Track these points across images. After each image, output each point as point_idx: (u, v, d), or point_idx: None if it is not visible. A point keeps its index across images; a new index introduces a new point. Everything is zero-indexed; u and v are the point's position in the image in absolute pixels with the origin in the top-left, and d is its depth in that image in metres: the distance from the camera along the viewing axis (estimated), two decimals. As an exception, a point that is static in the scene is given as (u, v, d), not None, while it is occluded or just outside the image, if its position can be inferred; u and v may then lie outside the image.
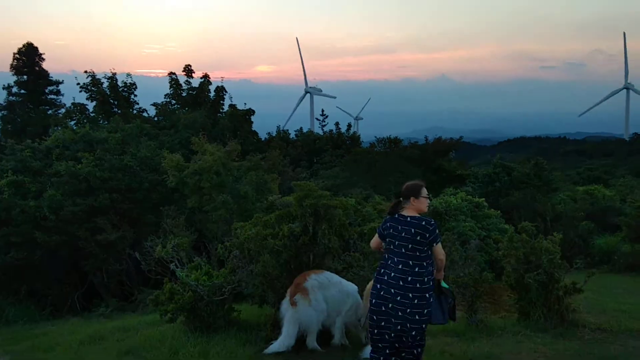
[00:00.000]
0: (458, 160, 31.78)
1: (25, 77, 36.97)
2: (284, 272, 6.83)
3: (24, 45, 37.17)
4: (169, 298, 7.34)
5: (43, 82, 37.44)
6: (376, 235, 5.14)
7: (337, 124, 45.00)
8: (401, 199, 5.01)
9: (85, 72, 29.49)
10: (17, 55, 37.02)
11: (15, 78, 36.79)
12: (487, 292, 8.21)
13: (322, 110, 51.06)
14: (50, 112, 36.28)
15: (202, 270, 7.64)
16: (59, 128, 23.77)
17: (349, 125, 45.78)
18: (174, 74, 30.53)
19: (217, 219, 13.74)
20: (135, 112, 29.78)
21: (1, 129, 35.58)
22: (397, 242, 4.78)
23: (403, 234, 4.76)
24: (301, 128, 46.51)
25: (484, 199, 14.67)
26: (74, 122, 28.26)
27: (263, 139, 38.10)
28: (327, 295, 6.23)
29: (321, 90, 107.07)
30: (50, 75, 38.02)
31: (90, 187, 15.57)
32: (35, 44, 37.60)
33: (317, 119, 51.70)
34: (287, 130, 45.50)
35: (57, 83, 37.96)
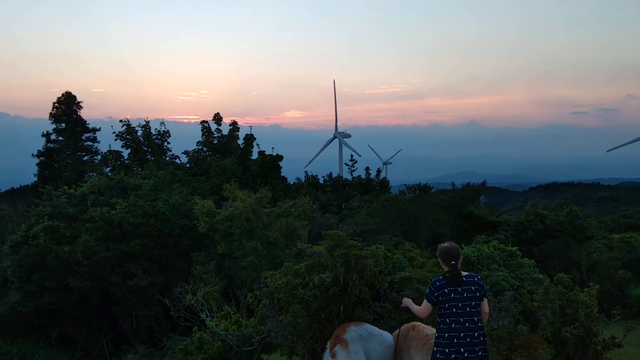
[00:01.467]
0: (489, 206, 31.35)
1: (63, 124, 38.32)
2: (314, 322, 6.76)
3: (63, 95, 38.64)
4: (198, 347, 7.31)
5: (80, 129, 38.71)
6: (426, 303, 5.20)
7: (367, 169, 45.14)
8: (453, 262, 5.11)
9: (121, 121, 30.46)
10: (56, 104, 38.49)
11: (54, 126, 38.15)
12: (523, 346, 7.95)
13: (351, 156, 51.17)
14: (86, 158, 37.33)
15: (231, 320, 7.61)
16: (94, 174, 24.40)
17: (379, 171, 45.89)
18: (206, 122, 31.34)
19: (246, 266, 13.76)
20: (168, 159, 30.47)
21: (39, 175, 36.66)
22: (460, 304, 5.02)
23: (465, 294, 5.02)
24: (330, 173, 46.77)
25: (517, 247, 14.33)
26: (109, 168, 29.02)
27: (292, 182, 38.34)
28: (367, 347, 6.12)
29: (349, 136, 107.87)
30: (87, 122, 39.36)
31: (123, 232, 15.81)
32: (74, 92, 39.20)
33: (346, 164, 51.77)
34: (316, 175, 45.76)
35: (94, 130, 39.19)
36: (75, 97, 38.78)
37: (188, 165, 29.87)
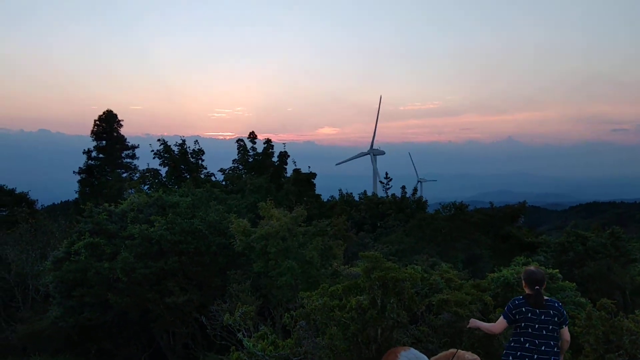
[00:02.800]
0: (527, 226, 30.80)
1: (104, 142, 39.40)
2: (351, 345, 6.76)
3: (104, 113, 39.79)
4: (236, 367, 7.37)
5: (120, 146, 39.73)
6: (502, 320, 5.38)
7: (403, 187, 44.77)
8: (537, 286, 5.27)
9: (158, 140, 31.17)
10: (97, 122, 39.62)
11: (95, 143, 39.23)
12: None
13: (387, 174, 50.99)
14: (125, 175, 38.23)
15: (268, 340, 7.67)
16: (133, 192, 24.95)
17: (415, 190, 45.54)
18: (242, 140, 31.81)
19: (282, 285, 13.82)
20: (203, 176, 30.98)
21: (80, 191, 37.68)
22: (536, 325, 5.16)
23: (542, 317, 5.16)
24: (365, 191, 46.61)
25: (557, 270, 14.04)
26: (148, 186, 29.62)
27: (326, 200, 38.40)
28: None
29: (384, 153, 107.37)
30: (126, 139, 40.36)
31: (161, 250, 16.11)
32: (114, 110, 40.30)
33: (381, 182, 51.61)
34: (351, 193, 45.71)
35: (133, 148, 40.16)
36: (115, 115, 39.87)
37: (224, 182, 30.28)
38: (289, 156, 31.44)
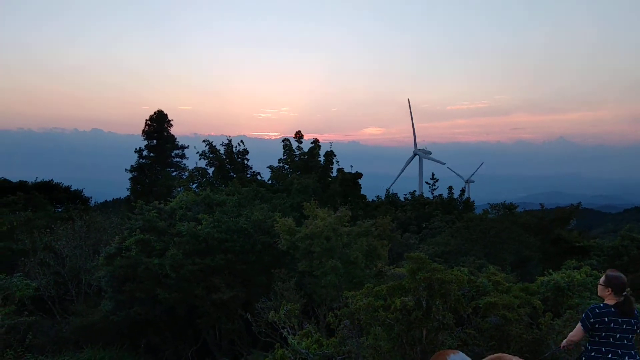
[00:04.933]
0: (579, 229, 29.87)
1: (154, 141, 40.35)
2: (395, 346, 6.71)
3: (155, 113, 40.77)
4: (280, 365, 7.42)
5: (170, 146, 40.63)
6: (579, 327, 5.23)
7: (450, 188, 44.18)
8: (625, 292, 5.16)
9: (204, 141, 31.67)
10: (148, 122, 40.63)
11: (146, 142, 40.24)
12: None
13: (432, 174, 50.35)
14: (174, 174, 39.10)
15: (312, 338, 7.69)
16: (182, 190, 25.46)
17: (463, 190, 44.81)
18: (287, 139, 31.99)
19: (326, 284, 13.85)
20: (249, 176, 31.32)
21: (131, 189, 38.76)
22: (618, 335, 5.01)
23: (624, 326, 5.03)
24: (414, 192, 46.20)
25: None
26: (196, 184, 30.19)
27: (371, 200, 38.17)
28: None
29: (430, 153, 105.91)
30: (176, 139, 41.23)
31: (208, 247, 16.38)
32: (164, 110, 41.22)
33: (427, 183, 50.99)
34: (396, 193, 45.38)
35: (182, 148, 41.02)
36: (166, 115, 40.81)
37: (270, 182, 30.54)
38: (335, 156, 31.42)
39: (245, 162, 32.40)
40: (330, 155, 31.45)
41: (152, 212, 18.27)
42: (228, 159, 31.64)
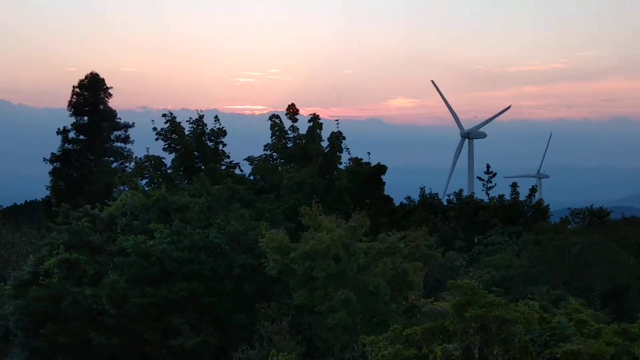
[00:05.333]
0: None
1: (86, 118, 39.98)
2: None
3: (86, 77, 40.31)
4: None
5: (108, 124, 40.23)
6: None
7: (513, 185, 44.00)
8: None
9: (164, 115, 31.41)
10: (77, 90, 40.10)
11: (73, 119, 39.86)
12: None
13: (488, 166, 50.15)
14: (115, 165, 38.83)
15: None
16: (126, 189, 25.39)
17: (533, 190, 44.64)
18: (277, 116, 31.72)
19: (334, 325, 13.84)
20: (224, 168, 31.17)
21: (52, 187, 38.47)
22: None
23: None
24: (460, 191, 46.14)
25: None
26: (146, 180, 30.05)
27: (399, 203, 38.10)
28: None
29: (484, 135, 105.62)
30: (117, 114, 40.81)
31: (164, 271, 16.40)
32: (100, 73, 40.40)
33: (480, 178, 50.86)
34: (436, 193, 45.38)
35: (127, 127, 40.68)
36: (102, 80, 40.33)
37: (252, 177, 30.49)
38: (344, 139, 31.22)
39: (221, 147, 32.16)
40: (337, 138, 31.22)
41: (82, 220, 18.22)
42: (195, 142, 31.40)
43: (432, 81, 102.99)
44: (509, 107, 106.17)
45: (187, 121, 31.51)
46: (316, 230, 15.35)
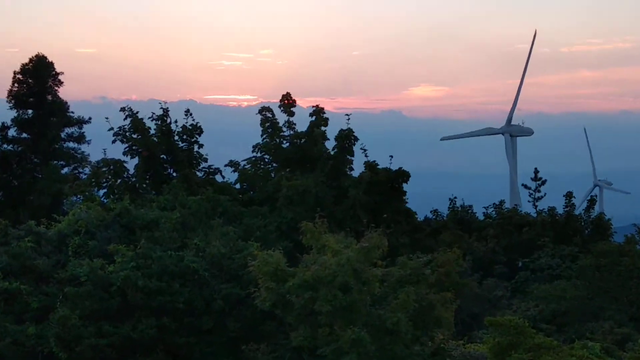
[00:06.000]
0: None
1: (30, 111, 39.88)
2: None
3: (31, 60, 40.31)
4: None
5: (58, 120, 40.13)
6: None
7: (568, 195, 43.73)
8: None
9: (122, 110, 31.16)
10: (19, 76, 40.08)
11: (14, 113, 39.73)
12: None
13: (536, 171, 50.00)
14: (66, 170, 38.80)
15: None
16: (80, 200, 25.31)
17: (591, 201, 44.40)
18: (270, 109, 31.58)
19: (342, 373, 13.77)
20: (202, 173, 31.07)
21: (-14, 199, 38.38)
22: None
23: None
24: (501, 203, 45.90)
25: None
26: (105, 190, 29.95)
27: (423, 217, 38.02)
28: None
29: (531, 132, 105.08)
30: (69, 106, 40.60)
31: (127, 304, 16.30)
32: (47, 55, 40.38)
33: (526, 186, 50.80)
34: (470, 205, 45.25)
35: (81, 123, 40.59)
36: (51, 64, 40.35)
37: (238, 185, 30.45)
38: (356, 139, 31.09)
39: (197, 148, 32.03)
40: (347, 137, 31.10)
41: (24, 240, 18.14)
42: (164, 143, 31.31)
43: (531, 46, 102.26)
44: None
45: (149, 118, 31.26)
46: (320, 252, 15.33)
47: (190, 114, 31.95)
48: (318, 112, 31.64)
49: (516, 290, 28.36)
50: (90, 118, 40.96)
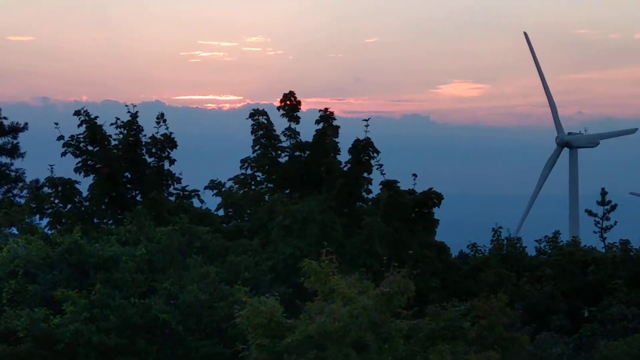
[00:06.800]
0: None
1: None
2: None
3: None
4: None
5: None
6: None
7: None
8: None
9: (78, 112, 31.11)
10: None
11: None
12: None
13: (603, 194, 50.09)
14: (-2, 194, 39.00)
15: None
16: (15, 233, 25.37)
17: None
18: (264, 113, 31.58)
19: None
20: (174, 197, 31.10)
21: None
22: None
23: None
24: (556, 235, 45.88)
25: None
26: (49, 218, 30.00)
27: (458, 252, 38.14)
28: None
29: (597, 143, 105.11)
30: (0, 112, 40.90)
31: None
32: None
33: (590, 213, 50.92)
34: (519, 238, 45.26)
35: (15, 130, 40.86)
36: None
37: (222, 212, 30.50)
38: (377, 152, 31.08)
39: (168, 166, 32.06)
40: (365, 149, 31.14)
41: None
42: (129, 158, 31.35)
43: (525, 34, 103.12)
44: (634, 130, 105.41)
45: (112, 124, 31.26)
46: (328, 298, 15.32)
47: (164, 121, 31.88)
48: (327, 118, 31.63)
49: (580, 348, 28.36)
50: (27, 124, 41.13)
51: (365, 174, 30.67)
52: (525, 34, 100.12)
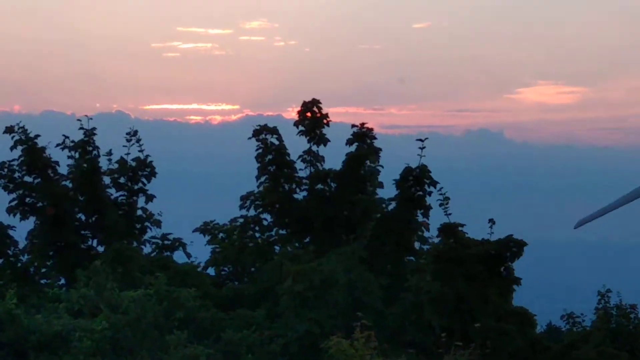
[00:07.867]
0: None
1: None
2: None
3: None
4: None
5: None
6: None
7: None
8: None
9: (9, 129, 31.32)
10: None
11: None
12: None
13: None
14: None
15: None
16: None
17: None
18: (273, 133, 31.50)
19: None
20: (152, 248, 31.21)
21: None
22: None
23: None
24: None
25: None
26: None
27: (545, 326, 38.30)
28: None
29: None
30: None
31: None
32: None
33: None
34: (634, 305, 45.33)
35: None
36: None
37: (212, 269, 30.63)
38: (435, 183, 31.07)
39: (143, 203, 32.19)
40: (419, 180, 31.12)
41: None
42: (85, 192, 31.50)
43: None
44: None
45: (59, 145, 31.40)
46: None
47: (138, 141, 32.01)
48: (362, 136, 31.52)
49: None
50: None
51: (420, 216, 30.60)
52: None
